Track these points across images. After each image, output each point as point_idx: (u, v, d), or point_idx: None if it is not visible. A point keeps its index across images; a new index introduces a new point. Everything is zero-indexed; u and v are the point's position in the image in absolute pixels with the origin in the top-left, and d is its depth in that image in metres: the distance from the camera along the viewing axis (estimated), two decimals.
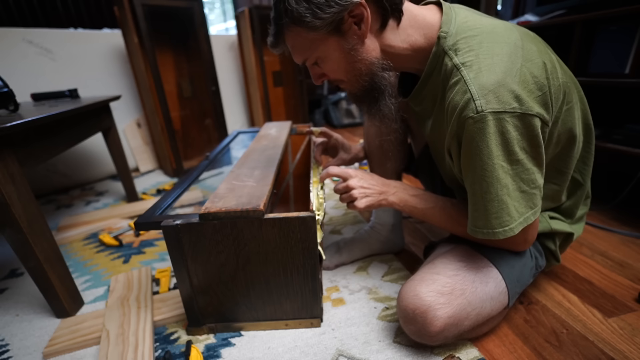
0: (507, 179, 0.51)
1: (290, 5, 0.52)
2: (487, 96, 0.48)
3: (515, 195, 0.52)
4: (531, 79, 0.49)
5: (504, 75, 0.48)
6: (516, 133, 0.49)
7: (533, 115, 0.48)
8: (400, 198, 0.67)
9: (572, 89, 0.56)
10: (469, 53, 0.51)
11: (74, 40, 1.68)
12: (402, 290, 0.62)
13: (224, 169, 1.87)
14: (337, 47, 0.56)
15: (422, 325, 0.58)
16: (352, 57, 0.57)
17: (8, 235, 0.72)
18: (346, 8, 0.51)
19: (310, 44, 0.57)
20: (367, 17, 0.53)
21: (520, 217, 0.53)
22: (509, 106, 0.47)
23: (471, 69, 0.50)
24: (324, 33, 0.54)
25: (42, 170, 1.61)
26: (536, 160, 0.52)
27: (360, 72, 0.59)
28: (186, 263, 0.65)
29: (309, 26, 0.53)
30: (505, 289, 0.62)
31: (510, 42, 0.51)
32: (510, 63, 0.49)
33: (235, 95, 2.43)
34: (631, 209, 1.13)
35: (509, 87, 0.47)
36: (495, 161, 0.50)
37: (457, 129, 0.52)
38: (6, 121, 0.69)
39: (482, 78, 0.48)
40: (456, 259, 0.63)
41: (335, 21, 0.53)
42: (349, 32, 0.55)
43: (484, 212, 0.53)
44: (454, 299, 0.57)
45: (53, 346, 0.71)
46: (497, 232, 0.53)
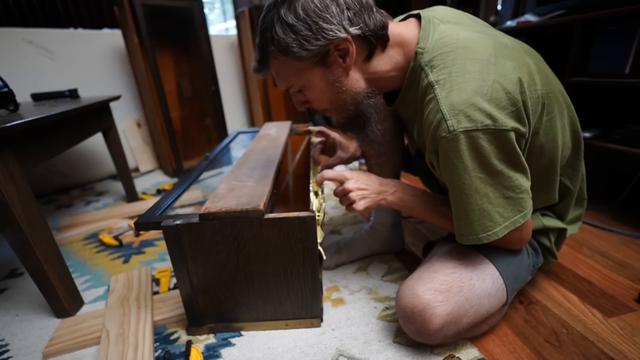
0: (486, 188, 0.52)
1: (277, 35, 0.52)
2: (458, 116, 0.49)
3: (499, 202, 0.53)
4: (504, 95, 0.49)
5: (474, 94, 0.49)
6: (491, 147, 0.50)
7: (507, 130, 0.49)
8: (398, 198, 0.67)
9: (553, 99, 0.56)
10: (442, 70, 0.52)
11: (74, 40, 1.68)
12: (401, 289, 0.63)
13: (224, 169, 1.87)
14: (322, 77, 0.58)
15: (421, 324, 0.58)
16: (337, 87, 0.59)
17: (8, 235, 0.72)
18: (332, 42, 0.52)
19: (295, 72, 0.57)
20: (352, 52, 0.54)
21: (506, 221, 0.54)
22: (481, 124, 0.48)
23: (443, 88, 0.51)
24: (309, 63, 0.55)
25: (42, 170, 1.61)
26: (517, 167, 0.53)
27: (345, 102, 0.61)
28: (186, 263, 0.65)
29: (295, 56, 0.54)
30: (502, 285, 0.62)
31: (483, 59, 0.51)
32: (482, 81, 0.49)
33: (235, 95, 2.43)
34: (631, 209, 1.13)
35: (479, 105, 0.48)
36: (472, 174, 0.51)
37: (434, 147, 0.54)
38: (6, 121, 0.69)
39: (453, 97, 0.49)
40: (453, 257, 0.64)
41: (321, 53, 0.54)
42: (334, 65, 0.56)
43: (467, 221, 0.55)
44: (452, 296, 0.58)
45: (53, 346, 0.71)
46: (481, 237, 0.55)
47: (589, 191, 0.74)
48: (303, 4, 0.51)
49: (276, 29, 0.52)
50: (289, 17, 0.51)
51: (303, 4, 0.51)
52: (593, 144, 1.05)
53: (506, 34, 0.63)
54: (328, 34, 0.51)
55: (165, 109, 1.69)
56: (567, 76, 1.12)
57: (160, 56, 1.65)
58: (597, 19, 1.03)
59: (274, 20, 0.53)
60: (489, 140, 0.49)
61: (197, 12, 1.75)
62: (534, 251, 0.69)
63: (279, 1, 0.52)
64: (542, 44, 1.27)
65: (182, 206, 1.39)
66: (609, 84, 1.02)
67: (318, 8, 0.50)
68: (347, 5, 0.52)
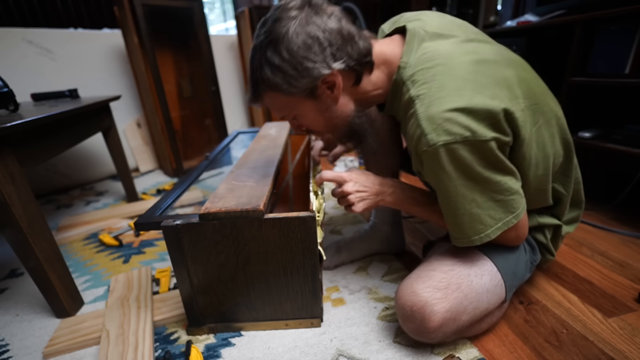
0: (473, 194, 0.54)
1: (266, 75, 0.55)
2: (436, 130, 0.50)
3: (488, 205, 0.55)
4: (481, 108, 0.50)
5: (451, 109, 0.50)
6: (472, 157, 0.51)
7: (487, 140, 0.50)
8: (397, 198, 0.67)
9: (537, 110, 0.57)
10: (422, 86, 0.54)
11: (74, 40, 1.67)
12: (399, 288, 0.63)
13: (223, 169, 1.87)
14: (313, 108, 0.61)
15: (420, 322, 0.58)
16: (328, 115, 0.62)
17: (8, 235, 0.72)
18: (319, 78, 0.55)
19: (286, 105, 0.61)
20: (338, 83, 0.57)
21: (498, 222, 0.56)
22: (460, 136, 0.49)
23: (423, 103, 0.52)
24: (299, 97, 0.58)
25: (42, 170, 1.61)
26: (503, 171, 0.54)
27: (338, 125, 0.64)
28: (186, 263, 0.65)
29: (284, 92, 0.57)
30: (501, 281, 0.63)
31: (460, 75, 0.52)
32: (459, 96, 0.50)
33: (235, 95, 2.43)
34: (631, 209, 1.13)
35: (456, 119, 0.49)
36: (457, 182, 0.53)
37: (417, 159, 0.56)
38: (6, 121, 0.69)
39: (432, 112, 0.51)
40: (451, 255, 0.64)
41: (309, 88, 0.56)
42: (322, 96, 0.59)
43: (458, 225, 0.57)
44: (450, 293, 0.58)
45: (53, 346, 0.71)
46: (474, 240, 0.57)
47: (589, 191, 0.74)
48: (287, 46, 0.52)
49: (264, 70, 0.55)
50: (275, 59, 0.54)
51: (287, 46, 0.52)
52: (593, 144, 1.05)
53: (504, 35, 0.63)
54: (313, 72, 0.54)
55: (165, 109, 1.69)
56: (567, 76, 1.12)
57: (160, 56, 1.65)
58: (597, 19, 1.03)
59: (261, 62, 0.55)
60: (469, 150, 0.51)
61: (197, 12, 1.75)
62: (530, 248, 0.69)
63: (265, 43, 0.54)
64: (542, 44, 1.27)
65: (182, 206, 1.39)
66: (609, 84, 1.02)
67: (301, 49, 0.52)
68: (329, 42, 0.54)
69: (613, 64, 1.03)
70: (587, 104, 1.17)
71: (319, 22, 0.53)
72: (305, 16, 0.53)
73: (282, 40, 0.52)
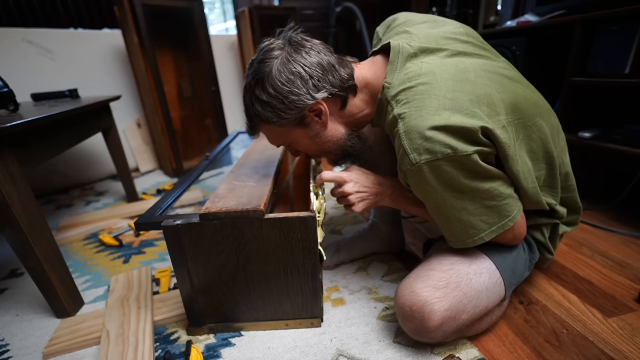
0: (463, 203, 0.55)
1: (258, 111, 0.61)
2: (417, 149, 0.52)
3: (480, 211, 0.56)
4: (459, 127, 0.50)
5: (429, 129, 0.51)
6: (457, 171, 0.52)
7: (469, 154, 0.51)
8: (397, 198, 0.68)
9: (519, 125, 0.56)
10: (405, 105, 0.55)
11: (74, 40, 1.67)
12: (399, 288, 0.63)
13: (224, 169, 1.87)
14: (304, 135, 0.65)
15: (420, 322, 0.58)
16: (320, 140, 0.66)
17: (8, 235, 0.72)
18: (305, 108, 0.60)
19: (280, 135, 0.66)
20: (324, 110, 0.62)
21: (492, 226, 0.57)
22: (442, 154, 0.51)
23: (404, 122, 0.54)
24: (290, 127, 0.63)
25: (42, 170, 1.61)
26: (491, 178, 0.55)
27: (330, 149, 0.68)
28: (186, 263, 0.65)
29: (276, 124, 0.62)
30: (500, 279, 0.63)
31: (440, 94, 0.53)
32: (437, 115, 0.51)
33: (235, 95, 2.43)
34: (631, 209, 1.13)
35: (436, 138, 0.50)
36: (444, 194, 0.55)
37: (403, 175, 0.57)
38: (6, 121, 0.69)
39: (411, 132, 0.52)
40: (450, 254, 0.64)
41: (298, 118, 0.61)
42: (312, 123, 0.64)
43: (452, 231, 0.60)
44: (450, 292, 0.58)
45: (53, 346, 0.71)
46: (468, 242, 0.59)
47: (589, 191, 0.74)
48: (272, 84, 0.58)
49: (255, 107, 0.61)
50: (263, 96, 0.59)
51: (272, 83, 0.58)
52: (593, 144, 1.05)
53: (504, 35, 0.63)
54: (299, 104, 0.59)
55: (165, 109, 1.68)
56: (567, 76, 1.12)
57: (160, 56, 1.65)
58: (597, 19, 1.03)
59: (252, 99, 0.61)
60: (452, 165, 0.52)
61: (197, 12, 1.75)
62: (528, 246, 0.69)
63: (252, 83, 0.60)
64: (542, 44, 1.27)
65: (182, 206, 1.39)
66: (609, 84, 1.02)
67: (285, 85, 0.57)
68: (310, 75, 0.58)
69: (613, 64, 1.03)
70: (587, 104, 1.17)
71: (299, 58, 0.58)
72: (286, 55, 0.58)
73: (267, 78, 0.58)
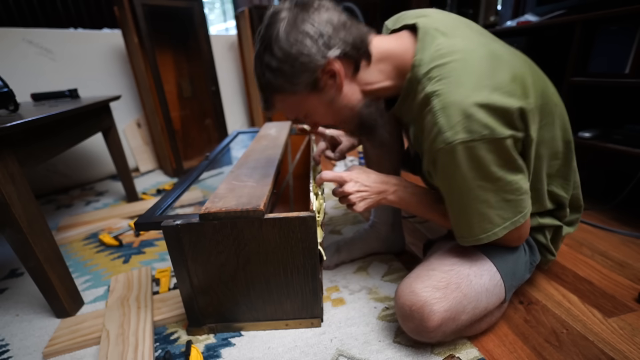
0: (486, 194, 0.54)
1: (269, 80, 0.58)
2: (454, 127, 0.50)
3: (499, 205, 0.55)
4: (499, 106, 0.49)
5: (469, 106, 0.49)
6: (490, 155, 0.51)
7: (504, 138, 0.50)
8: (399, 197, 0.67)
9: (545, 110, 0.56)
10: (439, 82, 0.53)
11: (74, 40, 1.67)
12: (399, 288, 0.63)
13: (224, 169, 1.87)
14: (320, 101, 0.61)
15: (419, 321, 0.58)
16: (336, 106, 0.62)
17: (8, 235, 0.72)
18: (317, 69, 0.56)
19: (295, 104, 0.62)
20: (338, 70, 0.57)
21: (506, 221, 0.56)
22: (479, 134, 0.49)
23: (440, 99, 0.51)
24: (305, 93, 0.59)
25: (42, 170, 1.61)
26: (516, 170, 0.54)
27: (347, 117, 0.64)
28: (186, 263, 0.65)
29: (289, 92, 0.59)
30: (500, 281, 0.63)
31: (478, 72, 0.51)
32: (477, 92, 0.50)
33: (235, 95, 2.43)
34: (631, 209, 1.13)
35: (475, 117, 0.49)
36: (471, 183, 0.53)
37: (431, 158, 0.55)
38: (6, 121, 0.69)
39: (450, 109, 0.50)
40: (451, 255, 0.64)
41: (311, 82, 0.58)
42: (326, 87, 0.59)
43: (467, 224, 0.58)
44: (450, 293, 0.58)
45: (53, 346, 0.71)
46: (482, 238, 0.58)
47: (589, 191, 0.74)
48: (280, 47, 0.54)
49: (267, 76, 0.58)
50: (273, 62, 0.56)
51: (280, 47, 0.54)
52: (593, 144, 1.05)
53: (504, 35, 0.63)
54: (310, 65, 0.55)
55: (165, 109, 1.68)
56: (567, 76, 1.12)
57: (160, 56, 1.65)
58: (597, 19, 1.03)
59: (262, 68, 0.58)
60: (487, 149, 0.50)
61: (197, 12, 1.75)
62: (529, 248, 0.69)
63: (261, 50, 0.57)
64: (542, 44, 1.27)
65: (182, 206, 1.39)
66: (609, 84, 1.02)
67: (294, 46, 0.54)
68: (320, 33, 0.54)
69: (613, 64, 1.03)
70: (587, 104, 1.17)
71: (307, 17, 0.55)
72: (293, 15, 0.55)
73: (275, 42, 0.54)
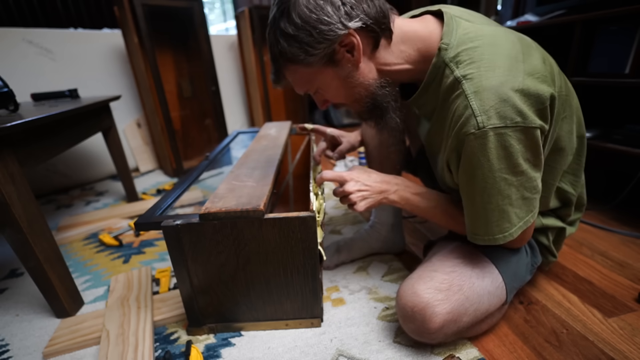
0: (510, 189, 0.52)
1: (283, 48, 0.54)
2: (488, 112, 0.48)
3: (518, 203, 0.53)
4: (534, 92, 0.48)
5: (505, 90, 0.47)
6: (520, 146, 0.49)
7: (535, 127, 0.48)
8: (401, 196, 0.66)
9: (566, 102, 0.56)
10: (470, 65, 0.51)
11: (74, 40, 1.67)
12: (401, 288, 0.63)
13: (224, 169, 1.87)
14: (334, 76, 0.58)
15: (421, 323, 0.58)
16: (350, 82, 0.58)
17: (8, 235, 0.72)
18: (335, 41, 0.52)
19: (308, 77, 0.59)
20: (357, 44, 0.54)
21: (520, 221, 0.55)
22: (511, 121, 0.47)
23: (472, 83, 0.49)
24: (319, 66, 0.56)
25: (42, 170, 1.61)
26: (537, 167, 0.53)
27: (361, 95, 0.61)
28: (186, 263, 0.65)
29: (303, 63, 0.55)
30: (502, 283, 0.63)
31: (511, 55, 0.50)
32: (512, 77, 0.48)
33: (235, 95, 2.43)
34: (631, 209, 1.13)
35: (511, 102, 0.47)
36: (497, 174, 0.51)
37: (458, 144, 0.53)
38: (6, 121, 0.69)
39: (484, 93, 0.48)
40: (453, 256, 0.64)
41: (327, 54, 0.54)
42: (342, 61, 0.56)
43: (485, 221, 0.55)
44: (452, 294, 0.58)
45: (53, 346, 0.71)
46: (498, 238, 0.55)
47: (589, 191, 0.74)
48: (299, 13, 0.51)
49: (281, 43, 0.54)
50: (289, 29, 0.52)
51: (299, 13, 0.51)
52: (593, 144, 1.05)
53: None
54: (329, 35, 0.51)
55: (165, 109, 1.69)
56: (567, 76, 1.12)
57: (160, 56, 1.65)
58: (597, 19, 1.03)
59: (276, 35, 0.54)
60: (518, 138, 0.48)
61: (197, 12, 1.75)
62: (531, 250, 0.69)
63: (277, 15, 0.53)
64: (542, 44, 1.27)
65: (182, 206, 1.39)
66: (609, 84, 1.02)
67: (314, 13, 0.50)
68: (342, 1, 0.51)
69: (613, 64, 1.03)
70: (587, 104, 1.16)
71: None
72: None
73: (294, 7, 0.51)
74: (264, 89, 2.23)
